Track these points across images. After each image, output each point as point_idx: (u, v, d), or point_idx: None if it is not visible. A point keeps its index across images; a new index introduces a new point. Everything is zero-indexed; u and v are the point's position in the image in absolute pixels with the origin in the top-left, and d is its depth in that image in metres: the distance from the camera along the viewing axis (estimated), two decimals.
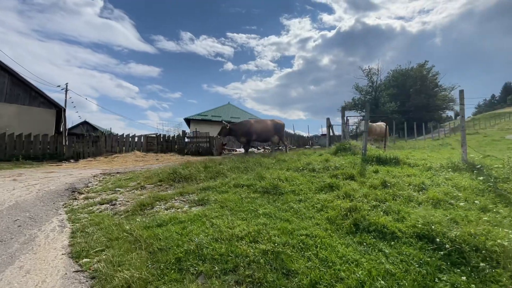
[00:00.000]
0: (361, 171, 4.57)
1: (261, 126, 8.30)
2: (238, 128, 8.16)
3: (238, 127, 8.21)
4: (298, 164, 5.51)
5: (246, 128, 8.07)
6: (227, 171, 5.21)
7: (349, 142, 7.38)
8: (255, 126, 8.19)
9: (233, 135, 8.39)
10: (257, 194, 3.75)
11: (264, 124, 8.42)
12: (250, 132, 8.08)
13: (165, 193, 4.13)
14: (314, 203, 3.30)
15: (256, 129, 8.16)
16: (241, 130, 8.06)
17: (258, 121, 8.49)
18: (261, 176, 4.52)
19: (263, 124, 8.40)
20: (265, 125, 8.39)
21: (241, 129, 8.07)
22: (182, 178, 4.92)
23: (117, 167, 7.41)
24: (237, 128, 8.21)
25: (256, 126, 8.20)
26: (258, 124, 8.31)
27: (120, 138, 12.49)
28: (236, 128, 8.22)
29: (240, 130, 8.07)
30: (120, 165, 8.45)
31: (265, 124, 8.42)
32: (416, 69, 43.57)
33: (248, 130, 8.07)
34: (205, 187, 4.26)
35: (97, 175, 5.56)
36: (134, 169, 6.55)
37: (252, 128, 8.10)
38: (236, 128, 8.22)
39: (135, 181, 4.90)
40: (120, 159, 10.42)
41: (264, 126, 8.35)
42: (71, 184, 4.53)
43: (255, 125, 8.19)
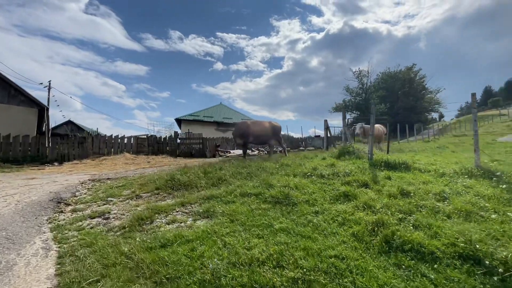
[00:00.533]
0: (374, 177, 4.32)
1: (259, 128, 7.96)
2: (235, 129, 7.79)
3: (235, 128, 7.84)
4: (304, 169, 5.22)
5: (243, 129, 7.71)
6: (229, 177, 4.85)
7: (352, 145, 7.17)
8: (253, 128, 7.85)
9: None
10: (268, 204, 3.42)
11: (262, 126, 8.08)
12: (247, 134, 7.73)
13: (164, 203, 3.73)
14: (333, 216, 3.01)
15: (254, 131, 7.83)
16: (237, 131, 7.70)
17: (255, 122, 8.14)
18: (268, 183, 4.20)
19: (261, 126, 8.07)
20: (263, 127, 8.07)
21: (237, 130, 7.71)
22: (181, 185, 4.52)
23: (107, 172, 6.88)
24: (233, 130, 7.83)
25: (254, 128, 7.86)
26: (256, 126, 7.96)
27: (108, 139, 11.83)
28: (233, 130, 7.85)
29: (237, 131, 7.71)
30: (109, 169, 7.91)
31: (263, 126, 8.09)
32: (405, 72, 44.53)
33: (245, 132, 7.71)
34: (208, 196, 3.89)
35: (85, 182, 5.06)
36: (125, 174, 6.07)
37: (249, 130, 7.76)
38: (233, 130, 7.85)
39: (129, 189, 4.46)
40: (108, 162, 9.82)
41: (262, 128, 8.02)
42: (56, 194, 4.04)
43: (252, 127, 7.85)
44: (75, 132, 23.33)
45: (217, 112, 25.57)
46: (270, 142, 8.33)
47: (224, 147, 15.83)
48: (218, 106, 27.55)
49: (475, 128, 4.45)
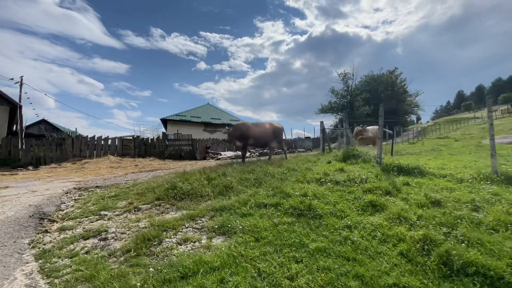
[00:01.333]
0: (393, 184, 4.07)
1: (259, 130, 7.57)
2: (234, 131, 7.34)
3: (234, 130, 7.39)
4: (314, 174, 4.91)
5: (242, 131, 7.28)
6: (236, 185, 4.42)
7: (356, 148, 6.97)
8: (253, 129, 7.44)
9: (229, 139, 7.53)
10: (291, 217, 3.04)
11: (262, 127, 7.70)
12: (247, 136, 7.31)
13: (170, 217, 3.25)
14: (369, 231, 2.68)
15: (254, 133, 7.42)
16: (237, 133, 7.26)
17: (255, 124, 7.74)
18: (283, 191, 3.83)
19: (261, 127, 7.68)
20: (263, 129, 7.68)
21: (237, 132, 7.27)
22: (184, 194, 4.03)
23: (92, 178, 6.19)
24: (232, 131, 7.38)
25: (254, 130, 7.46)
26: (256, 128, 7.56)
27: (90, 140, 10.92)
28: (231, 132, 7.38)
29: (237, 133, 7.27)
30: (94, 174, 7.18)
31: (264, 128, 7.71)
32: (387, 75, 45.95)
33: (244, 134, 7.29)
34: (219, 207, 3.45)
35: (70, 191, 4.42)
36: (115, 180, 5.44)
37: (249, 132, 7.34)
38: (232, 131, 7.39)
39: (125, 199, 3.91)
40: (91, 165, 9.00)
41: (262, 130, 7.64)
42: (38, 207, 3.42)
43: (252, 129, 7.44)
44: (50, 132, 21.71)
45: (205, 112, 24.85)
46: (270, 144, 7.96)
47: (215, 149, 15.28)
48: (206, 106, 26.81)
49: (491, 132, 4.34)
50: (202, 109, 25.39)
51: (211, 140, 15.40)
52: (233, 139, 7.33)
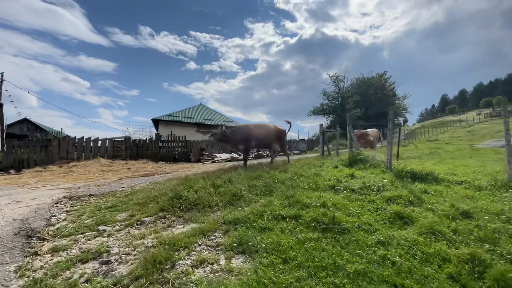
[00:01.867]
0: (412, 192, 3.87)
1: (262, 132, 7.26)
2: (236, 133, 7.00)
3: (235, 132, 7.05)
4: (327, 181, 4.66)
5: (245, 133, 6.96)
6: (245, 193, 4.10)
7: (361, 152, 6.80)
8: (256, 131, 7.13)
9: (228, 141, 7.16)
10: (315, 232, 2.76)
11: (265, 129, 7.40)
12: (250, 138, 6.99)
13: (178, 232, 2.90)
14: (406, 248, 2.43)
15: (257, 135, 7.11)
16: (239, 136, 6.93)
17: (258, 126, 7.42)
18: (299, 201, 3.55)
19: (264, 129, 7.38)
20: (266, 131, 7.39)
21: (239, 135, 6.94)
22: (191, 204, 3.68)
23: (83, 183, 5.71)
24: (234, 133, 7.03)
25: (257, 132, 7.14)
26: (259, 130, 7.25)
27: (79, 141, 10.28)
28: (232, 134, 7.03)
29: (238, 136, 6.94)
30: (84, 178, 6.66)
31: (266, 130, 7.41)
32: (377, 79, 46.75)
33: (247, 136, 6.97)
34: (232, 220, 3.13)
35: (60, 201, 3.97)
36: (110, 187, 5.00)
37: (252, 134, 7.03)
38: (233, 133, 7.04)
39: (124, 210, 3.51)
40: (80, 169, 8.42)
41: (265, 132, 7.34)
42: (24, 222, 2.98)
43: (255, 131, 7.13)
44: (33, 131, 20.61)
45: (197, 112, 24.30)
46: (273, 147, 7.67)
47: (209, 151, 14.85)
48: (198, 106, 26.24)
49: (508, 138, 4.22)
50: (194, 110, 24.83)
51: (206, 141, 14.96)
52: (235, 142, 6.98)
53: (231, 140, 6.98)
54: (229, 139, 7.02)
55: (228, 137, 6.99)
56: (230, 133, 6.98)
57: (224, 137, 6.73)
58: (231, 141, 6.98)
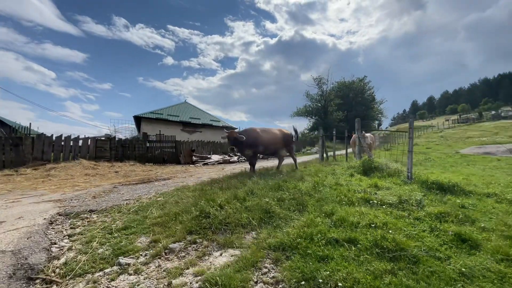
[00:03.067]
0: (454, 207, 3.68)
1: (269, 137, 6.84)
2: (245, 137, 6.50)
3: (244, 136, 6.54)
4: (355, 193, 4.36)
5: (252, 138, 6.48)
6: (276, 207, 3.66)
7: (373, 159, 6.63)
8: (263, 136, 6.69)
9: (237, 145, 6.62)
10: (384, 261, 2.39)
11: (272, 134, 6.98)
12: (257, 143, 6.53)
13: (218, 262, 2.40)
14: (498, 284, 2.15)
15: (264, 140, 6.67)
16: (248, 140, 6.45)
17: (265, 130, 6.97)
18: (343, 219, 3.19)
19: (271, 134, 6.96)
20: (273, 136, 6.97)
21: (248, 138, 6.46)
22: (221, 224, 3.16)
23: (71, 192, 4.89)
24: (241, 137, 6.52)
25: (264, 137, 6.71)
26: (266, 134, 6.82)
27: (56, 140, 9.10)
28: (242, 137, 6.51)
29: (246, 140, 6.46)
30: (70, 185, 5.78)
31: (274, 135, 7.00)
32: (357, 83, 48.31)
33: (255, 141, 6.50)
34: (277, 244, 2.69)
35: (55, 219, 3.23)
36: (110, 199, 4.29)
37: (259, 139, 6.58)
38: (240, 137, 6.53)
39: (142, 233, 2.91)
40: (61, 172, 7.41)
41: (273, 137, 6.92)
42: (18, 255, 2.28)
43: (263, 135, 6.68)
44: None
45: (183, 111, 23.21)
46: (280, 152, 7.27)
47: (200, 152, 14.11)
48: (183, 104, 25.09)
49: None
50: (179, 108, 23.69)
51: (196, 142, 14.19)
52: (242, 146, 6.47)
53: (240, 144, 6.45)
54: (238, 143, 6.48)
55: (238, 140, 6.45)
56: (240, 136, 6.45)
57: (235, 140, 6.19)
58: (240, 144, 6.45)
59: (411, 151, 5.43)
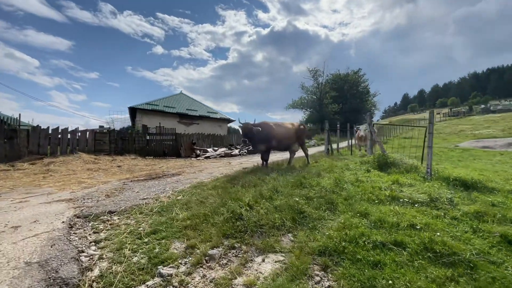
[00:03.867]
0: (486, 205, 3.61)
1: (283, 131, 6.64)
2: (256, 132, 6.27)
3: (255, 130, 6.31)
4: (381, 190, 4.25)
5: (266, 132, 6.27)
6: (306, 207, 3.50)
7: (387, 154, 6.54)
8: (277, 130, 6.48)
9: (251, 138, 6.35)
10: (440, 267, 2.28)
11: (286, 128, 6.78)
12: (270, 137, 6.33)
13: (265, 269, 2.24)
14: None
15: (278, 134, 6.47)
16: (259, 135, 6.23)
17: (278, 124, 6.75)
18: (383, 220, 3.07)
19: (285, 128, 6.75)
20: (287, 130, 6.78)
21: (259, 133, 6.24)
22: (256, 226, 2.98)
23: (80, 190, 4.60)
24: (258, 131, 6.27)
25: (278, 131, 6.50)
26: (280, 128, 6.61)
27: (53, 133, 8.63)
28: (257, 131, 6.26)
29: (259, 135, 6.24)
30: (74, 181, 5.46)
31: (287, 129, 6.80)
32: (352, 75, 48.27)
33: (268, 136, 6.29)
34: (321, 248, 2.55)
35: (74, 223, 2.96)
36: (126, 197, 4.03)
37: (273, 133, 6.37)
38: (258, 131, 6.27)
39: (174, 237, 2.70)
40: (61, 167, 7.03)
41: (286, 131, 6.73)
42: (45, 267, 2.04)
43: (276, 130, 6.47)
44: None
45: (179, 102, 22.61)
46: (292, 147, 7.10)
47: (200, 145, 13.79)
48: (179, 95, 24.45)
49: None
50: (175, 99, 23.06)
51: (196, 135, 13.85)
52: (255, 141, 6.25)
53: (254, 137, 6.21)
54: (252, 135, 6.22)
55: (253, 132, 6.19)
56: (257, 128, 6.19)
57: (250, 132, 5.96)
58: (253, 137, 6.21)
59: (431, 146, 5.36)
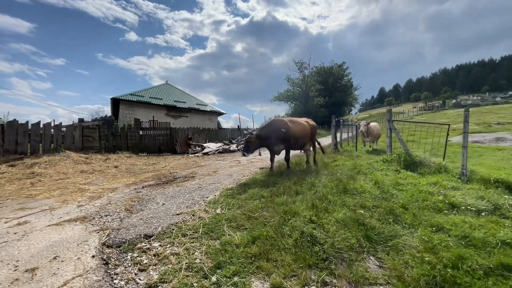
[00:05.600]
0: None
1: (299, 129, 5.98)
2: (271, 132, 5.59)
3: (270, 130, 5.62)
4: (431, 196, 3.95)
5: (282, 131, 5.59)
6: (374, 221, 3.09)
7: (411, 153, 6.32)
8: (294, 129, 5.79)
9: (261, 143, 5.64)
10: None
11: (302, 125, 6.13)
12: (288, 137, 5.65)
13: None
14: None
15: (295, 132, 5.80)
16: (275, 135, 5.61)
17: (293, 121, 6.04)
18: (468, 236, 2.73)
19: (301, 125, 6.11)
20: (303, 127, 6.16)
21: (275, 133, 5.60)
22: (333, 249, 2.50)
23: (85, 201, 3.81)
24: (268, 132, 5.60)
25: (295, 129, 5.83)
26: (296, 126, 5.93)
27: (33, 128, 7.43)
28: (266, 133, 5.59)
29: (275, 135, 5.61)
30: (71, 187, 4.60)
31: (303, 126, 6.17)
32: (336, 68, 48.75)
33: (286, 135, 5.63)
34: (428, 278, 2.12)
35: (108, 257, 2.29)
36: (152, 212, 3.34)
37: (290, 132, 5.66)
38: (267, 132, 5.60)
39: (249, 273, 2.14)
40: (47, 169, 6.02)
41: (302, 128, 6.11)
42: None
43: (293, 128, 5.77)
44: None
45: (165, 93, 21.22)
46: (307, 146, 6.59)
47: (196, 140, 12.94)
48: (165, 85, 22.95)
49: None
50: (161, 89, 21.60)
51: (192, 129, 12.96)
52: (271, 142, 5.60)
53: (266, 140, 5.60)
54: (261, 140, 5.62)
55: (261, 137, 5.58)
56: (264, 132, 5.60)
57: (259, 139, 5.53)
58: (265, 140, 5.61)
59: (466, 146, 5.18)
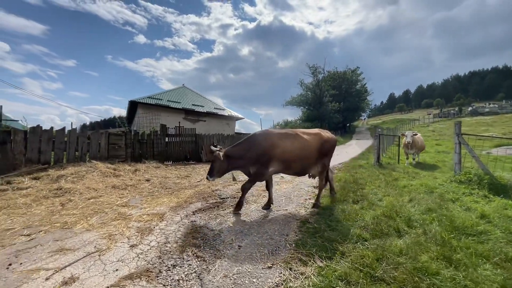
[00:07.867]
0: None
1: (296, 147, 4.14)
2: (245, 149, 3.99)
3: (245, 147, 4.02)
4: None
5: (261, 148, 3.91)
6: None
7: (492, 173, 5.42)
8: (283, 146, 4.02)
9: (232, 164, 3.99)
10: None
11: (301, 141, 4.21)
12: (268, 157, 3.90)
13: None
14: None
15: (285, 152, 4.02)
16: (251, 154, 3.94)
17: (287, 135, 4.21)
18: None
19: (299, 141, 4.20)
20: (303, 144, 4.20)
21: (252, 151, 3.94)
22: None
23: (129, 233, 3.05)
24: (242, 149, 4.01)
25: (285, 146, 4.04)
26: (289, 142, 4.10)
27: (57, 135, 6.77)
28: (239, 151, 4.01)
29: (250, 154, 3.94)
30: (112, 213, 3.86)
31: (304, 142, 4.21)
32: (349, 74, 47.73)
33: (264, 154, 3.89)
34: None
35: None
36: (231, 258, 2.56)
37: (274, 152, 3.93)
38: (240, 149, 4.02)
39: None
40: (75, 184, 5.31)
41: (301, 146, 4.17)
42: None
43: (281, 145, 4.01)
44: None
45: (183, 96, 20.64)
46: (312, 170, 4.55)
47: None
48: (182, 89, 22.40)
49: None
50: (178, 93, 21.04)
51: (217, 135, 12.23)
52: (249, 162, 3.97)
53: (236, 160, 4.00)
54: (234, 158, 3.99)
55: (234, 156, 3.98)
56: (237, 149, 4.02)
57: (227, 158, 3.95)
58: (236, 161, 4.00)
59: None
